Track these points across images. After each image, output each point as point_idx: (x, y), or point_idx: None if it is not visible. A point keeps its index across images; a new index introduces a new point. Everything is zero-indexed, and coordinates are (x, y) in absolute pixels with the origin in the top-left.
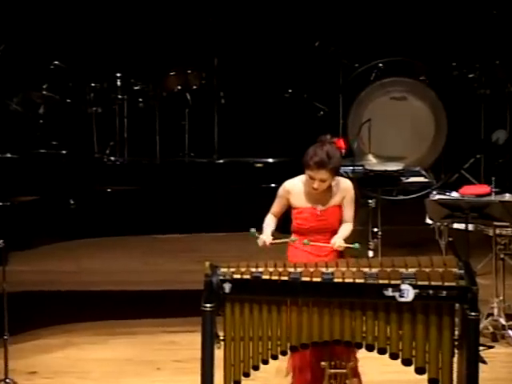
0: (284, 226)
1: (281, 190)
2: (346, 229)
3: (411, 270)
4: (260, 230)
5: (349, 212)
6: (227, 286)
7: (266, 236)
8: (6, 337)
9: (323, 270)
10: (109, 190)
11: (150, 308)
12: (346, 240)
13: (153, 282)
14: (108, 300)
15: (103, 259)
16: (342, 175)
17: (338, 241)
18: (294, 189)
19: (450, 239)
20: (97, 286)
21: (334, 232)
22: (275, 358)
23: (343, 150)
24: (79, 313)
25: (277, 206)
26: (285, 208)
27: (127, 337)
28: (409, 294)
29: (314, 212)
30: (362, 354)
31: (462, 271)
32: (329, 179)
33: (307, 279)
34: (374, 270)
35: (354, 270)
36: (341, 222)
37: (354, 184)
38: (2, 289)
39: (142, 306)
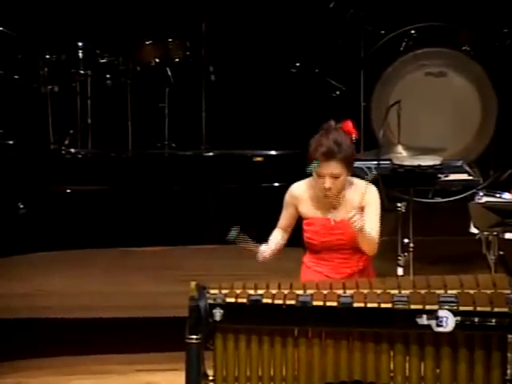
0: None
1: (287, 197)
2: (371, 232)
3: (451, 292)
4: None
5: (370, 223)
6: (218, 313)
7: (267, 247)
8: None
9: (340, 292)
10: (68, 191)
11: (121, 340)
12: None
13: (125, 308)
14: (69, 330)
15: (62, 278)
16: (360, 173)
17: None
18: (303, 194)
19: (501, 253)
20: (54, 312)
21: (355, 250)
22: None
23: (354, 135)
24: (33, 347)
25: (284, 218)
26: (295, 219)
27: (93, 377)
28: (448, 322)
29: (326, 223)
30: None
31: None
32: (342, 174)
33: (320, 304)
34: (405, 293)
35: (379, 292)
36: None
37: (378, 183)
38: None
39: (111, 338)
